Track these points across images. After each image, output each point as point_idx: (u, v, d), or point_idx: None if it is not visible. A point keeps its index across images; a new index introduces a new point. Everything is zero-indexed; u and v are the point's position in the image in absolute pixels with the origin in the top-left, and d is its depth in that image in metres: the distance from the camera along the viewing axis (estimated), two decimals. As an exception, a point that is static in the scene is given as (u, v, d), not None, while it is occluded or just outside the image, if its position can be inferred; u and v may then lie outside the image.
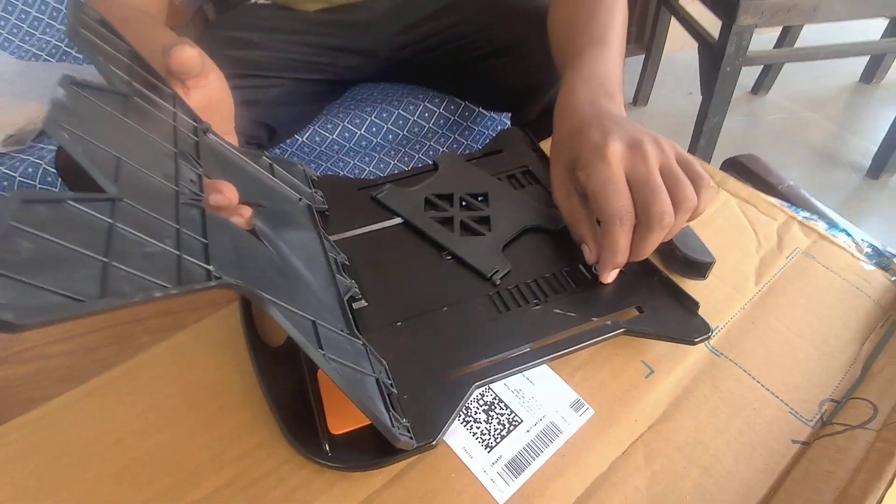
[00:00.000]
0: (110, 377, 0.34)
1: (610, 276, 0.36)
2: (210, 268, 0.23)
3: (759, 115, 1.68)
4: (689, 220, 0.35)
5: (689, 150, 1.32)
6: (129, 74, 0.30)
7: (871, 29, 1.54)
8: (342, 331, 0.30)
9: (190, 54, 0.32)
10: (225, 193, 0.29)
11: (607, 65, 0.44)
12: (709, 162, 1.28)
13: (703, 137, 1.19)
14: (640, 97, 1.74)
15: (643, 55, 1.68)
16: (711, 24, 1.18)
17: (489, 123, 0.85)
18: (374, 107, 0.78)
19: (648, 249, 0.34)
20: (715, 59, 1.10)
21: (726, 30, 1.05)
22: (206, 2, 0.90)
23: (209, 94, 0.35)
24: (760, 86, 1.74)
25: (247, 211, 0.32)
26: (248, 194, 0.33)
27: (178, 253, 0.22)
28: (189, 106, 0.34)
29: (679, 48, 1.76)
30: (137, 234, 0.21)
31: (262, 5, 0.75)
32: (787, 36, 1.54)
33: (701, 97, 1.22)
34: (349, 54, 0.73)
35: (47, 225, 0.18)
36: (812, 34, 1.36)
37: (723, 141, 1.55)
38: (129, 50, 0.32)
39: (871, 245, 0.44)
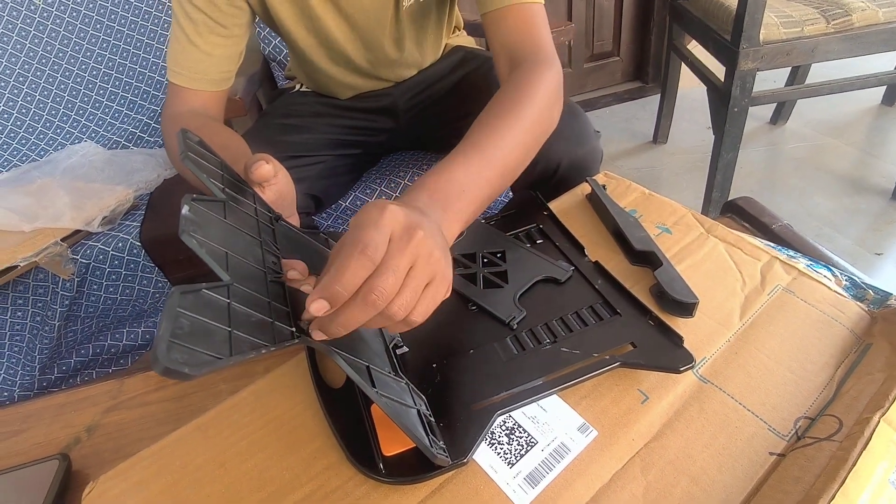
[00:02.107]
0: (209, 417, 0.42)
1: (316, 306, 0.30)
2: (293, 329, 0.32)
3: (780, 145, 1.72)
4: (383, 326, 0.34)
5: (707, 186, 1.37)
6: (221, 182, 0.40)
7: (887, 55, 1.57)
8: (389, 372, 0.38)
9: (266, 168, 0.42)
10: (298, 270, 0.38)
11: (468, 178, 0.43)
12: (728, 195, 1.33)
13: (718, 174, 1.25)
14: (659, 135, 1.80)
15: (659, 94, 1.76)
16: (717, 66, 1.25)
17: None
18: (406, 171, 0.88)
19: (345, 322, 0.31)
20: (722, 101, 1.17)
21: (730, 74, 1.12)
22: (258, 89, 1.04)
23: (279, 188, 0.45)
24: (779, 116, 1.78)
25: (312, 280, 0.40)
26: (312, 266, 0.42)
27: (271, 320, 0.31)
28: (265, 200, 0.44)
29: (696, 84, 1.84)
30: (245, 308, 0.30)
31: (303, 92, 0.87)
32: (799, 69, 1.60)
33: (718, 132, 1.28)
34: (376, 132, 0.84)
35: (194, 307, 0.27)
36: (826, 64, 1.41)
37: (745, 171, 1.59)
38: (220, 161, 0.42)
39: (849, 278, 0.50)
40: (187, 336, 0.25)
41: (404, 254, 0.32)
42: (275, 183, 0.45)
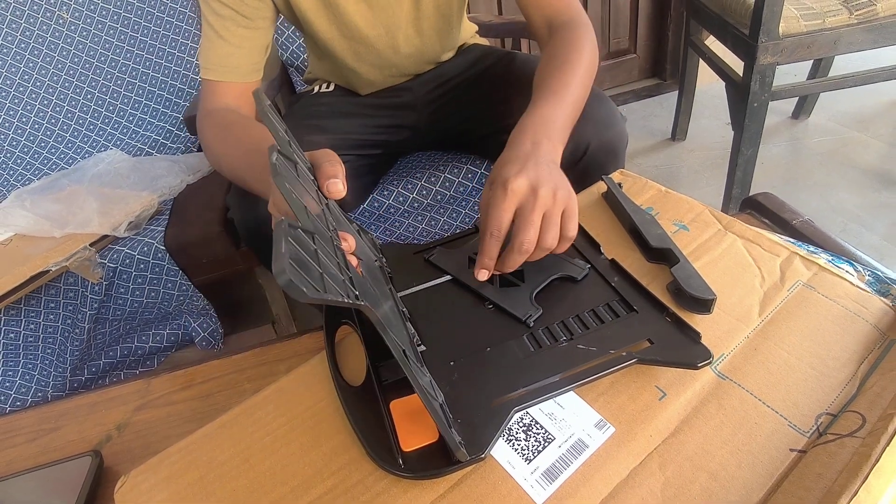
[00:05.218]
0: (234, 414, 0.44)
1: (481, 275, 0.47)
2: (357, 292, 0.32)
3: (802, 140, 1.69)
4: (557, 250, 0.48)
5: (727, 183, 1.35)
6: (289, 146, 0.40)
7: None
8: (416, 362, 0.39)
9: (339, 188, 0.41)
10: (350, 242, 0.38)
11: (556, 112, 0.55)
12: (748, 192, 1.31)
13: (738, 170, 1.23)
14: (677, 132, 1.78)
15: (677, 91, 1.74)
16: (736, 61, 1.24)
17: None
18: (423, 172, 0.89)
19: (511, 265, 0.46)
20: (741, 96, 1.15)
21: (748, 69, 1.11)
22: (277, 94, 1.06)
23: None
24: (801, 110, 1.75)
25: (355, 259, 0.41)
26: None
27: (343, 277, 0.31)
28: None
29: (715, 80, 1.81)
30: (327, 259, 0.30)
31: (323, 93, 0.89)
32: (822, 61, 1.56)
33: (737, 129, 1.26)
34: (398, 129, 0.85)
35: (295, 240, 0.27)
36: (849, 56, 1.36)
37: (766, 167, 1.57)
38: (286, 129, 0.43)
39: (872, 273, 0.49)
40: (296, 262, 0.26)
41: (535, 211, 0.45)
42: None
